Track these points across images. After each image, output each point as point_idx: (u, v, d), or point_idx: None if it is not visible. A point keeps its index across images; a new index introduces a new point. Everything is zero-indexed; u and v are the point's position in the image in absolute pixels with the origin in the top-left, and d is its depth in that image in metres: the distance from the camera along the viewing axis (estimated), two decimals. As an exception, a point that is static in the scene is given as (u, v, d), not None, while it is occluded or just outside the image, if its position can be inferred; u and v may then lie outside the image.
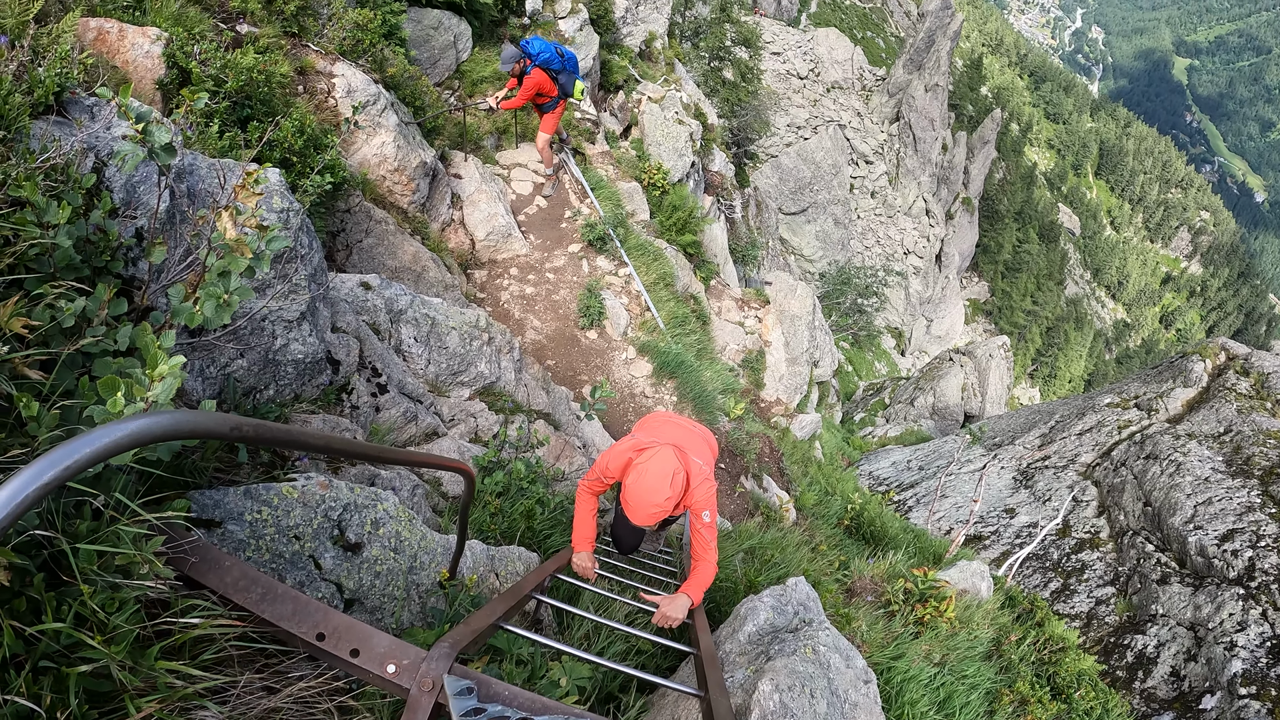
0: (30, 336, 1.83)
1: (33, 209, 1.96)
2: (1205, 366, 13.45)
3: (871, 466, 20.31)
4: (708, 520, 3.96)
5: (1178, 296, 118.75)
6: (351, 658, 1.90)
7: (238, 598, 1.92)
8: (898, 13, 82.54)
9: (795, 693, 2.45)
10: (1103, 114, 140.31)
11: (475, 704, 1.79)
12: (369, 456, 1.67)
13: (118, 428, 0.97)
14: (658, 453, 3.78)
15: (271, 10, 6.78)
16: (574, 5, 16.05)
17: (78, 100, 2.82)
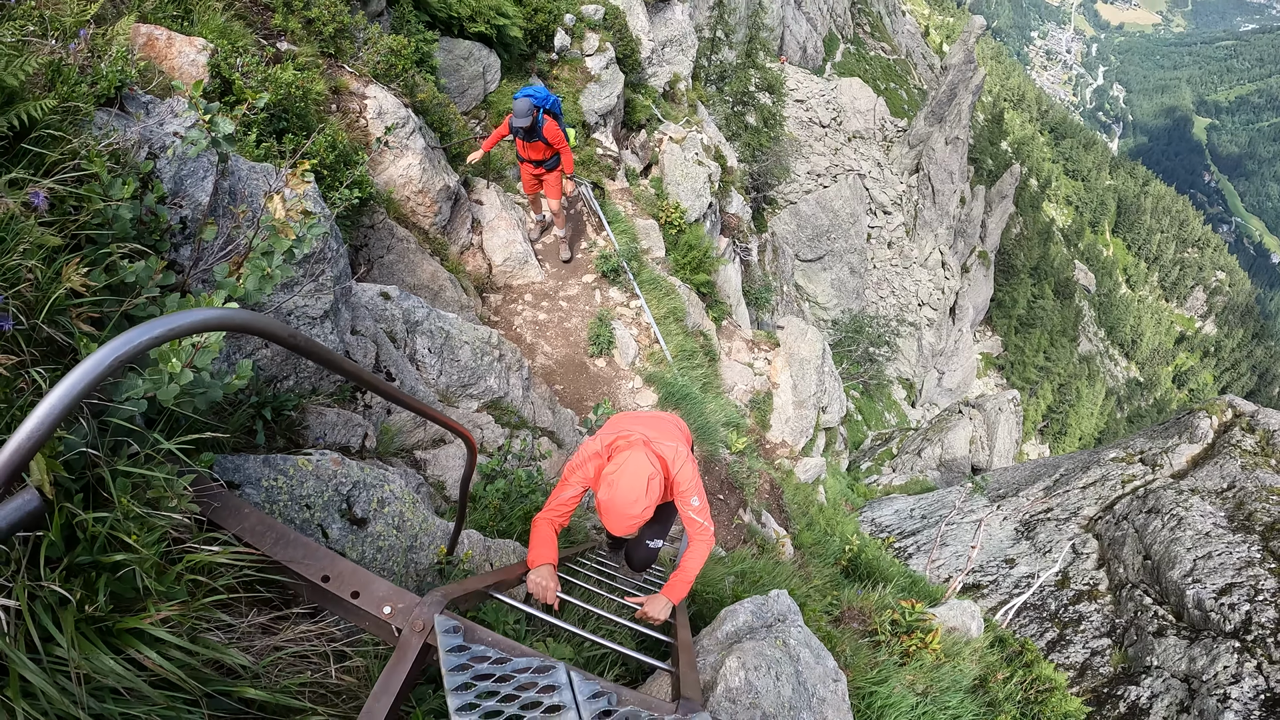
0: (86, 295, 2.05)
1: (98, 183, 2.20)
2: (1211, 423, 13.54)
3: (874, 513, 20.33)
4: (696, 505, 3.81)
5: (1191, 356, 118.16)
6: (352, 599, 2.10)
7: (253, 541, 2.12)
8: (921, 65, 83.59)
9: (761, 672, 2.61)
10: (1121, 171, 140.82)
11: (460, 642, 1.98)
12: (389, 395, 1.88)
13: (204, 312, 1.19)
14: (627, 459, 3.49)
15: (311, 31, 7.13)
16: (601, 44, 16.49)
17: (134, 96, 3.09)
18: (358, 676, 2.25)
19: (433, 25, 11.82)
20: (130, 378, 1.97)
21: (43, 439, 0.94)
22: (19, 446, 0.91)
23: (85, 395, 0.98)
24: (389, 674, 1.98)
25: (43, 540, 1.51)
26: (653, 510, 3.45)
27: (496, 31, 13.23)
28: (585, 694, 1.96)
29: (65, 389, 0.97)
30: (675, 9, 21.11)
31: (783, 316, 24.22)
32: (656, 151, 18.68)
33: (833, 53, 67.37)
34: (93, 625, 1.53)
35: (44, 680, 1.34)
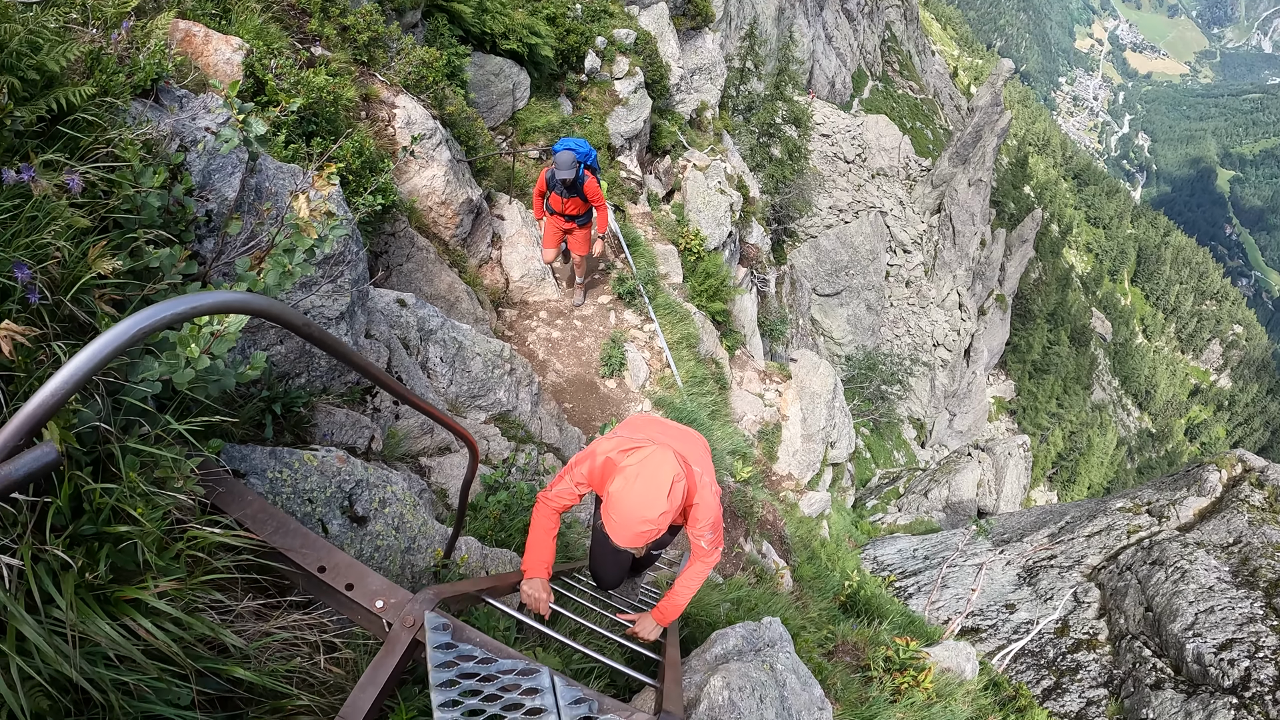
0: (110, 277, 2.11)
1: (130, 171, 2.27)
2: (1221, 477, 13.45)
3: (877, 551, 20.22)
4: (710, 538, 3.43)
5: (1205, 410, 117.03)
6: (346, 590, 2.14)
7: (254, 527, 2.17)
8: (948, 106, 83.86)
9: (745, 693, 2.63)
10: (1143, 221, 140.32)
11: (448, 640, 2.02)
12: (398, 393, 1.93)
13: (227, 294, 1.25)
14: (652, 454, 3.04)
15: (345, 38, 7.27)
16: (631, 68, 16.65)
17: (170, 90, 3.17)
18: (345, 669, 2.28)
19: (465, 40, 11.99)
20: (146, 360, 2.03)
21: (65, 396, 0.98)
22: (43, 402, 0.96)
23: (109, 361, 1.03)
24: (376, 666, 2.01)
25: (50, 506, 1.56)
26: (666, 526, 2.98)
27: (528, 50, 13.40)
28: (567, 699, 1.99)
29: (91, 353, 1.02)
30: (706, 37, 21.32)
31: (796, 349, 24.24)
32: (680, 178, 18.81)
33: (861, 89, 67.72)
34: (91, 592, 1.58)
35: (41, 637, 1.38)
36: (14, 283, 1.69)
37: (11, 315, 1.71)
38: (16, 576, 1.43)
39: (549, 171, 9.16)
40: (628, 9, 17.81)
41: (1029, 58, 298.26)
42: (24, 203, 1.83)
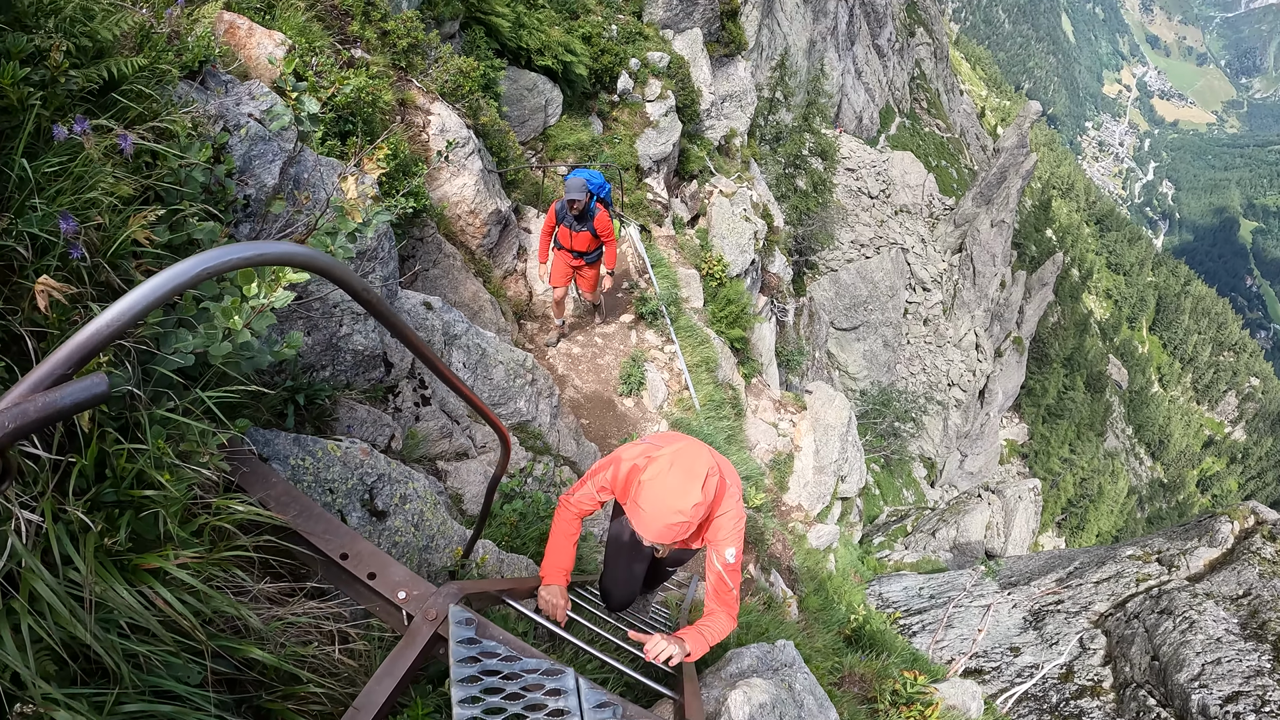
0: (147, 246, 2.09)
1: (177, 143, 2.25)
2: (1232, 528, 13.27)
3: (883, 588, 19.99)
4: (731, 560, 3.16)
5: (1218, 462, 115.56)
6: (369, 579, 2.09)
7: (277, 510, 2.12)
8: (974, 145, 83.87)
9: (766, 710, 2.56)
10: (1164, 269, 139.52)
11: (472, 635, 1.96)
12: (439, 370, 1.89)
13: (293, 247, 1.21)
14: (688, 445, 2.99)
15: (385, 42, 7.31)
16: (663, 91, 16.73)
17: (216, 74, 3.17)
18: (359, 661, 2.22)
19: (501, 54, 12.07)
20: (180, 331, 1.99)
21: (120, 331, 0.94)
22: (97, 331, 0.92)
23: (169, 298, 0.99)
24: (395, 658, 1.95)
25: (74, 466, 1.52)
26: (697, 521, 2.81)
27: (563, 67, 13.48)
28: (591, 703, 1.93)
29: (151, 287, 0.97)
30: (738, 65, 21.42)
31: (812, 381, 24.17)
32: (706, 203, 18.84)
33: (888, 125, 67.89)
34: (110, 558, 1.53)
35: (55, 596, 1.33)
36: (55, 239, 1.66)
37: (50, 272, 1.68)
38: (34, 533, 1.38)
39: (558, 204, 8.82)
40: (662, 32, 17.91)
41: (1057, 101, 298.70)
42: (70, 162, 1.81)
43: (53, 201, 1.69)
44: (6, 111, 1.66)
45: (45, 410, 0.84)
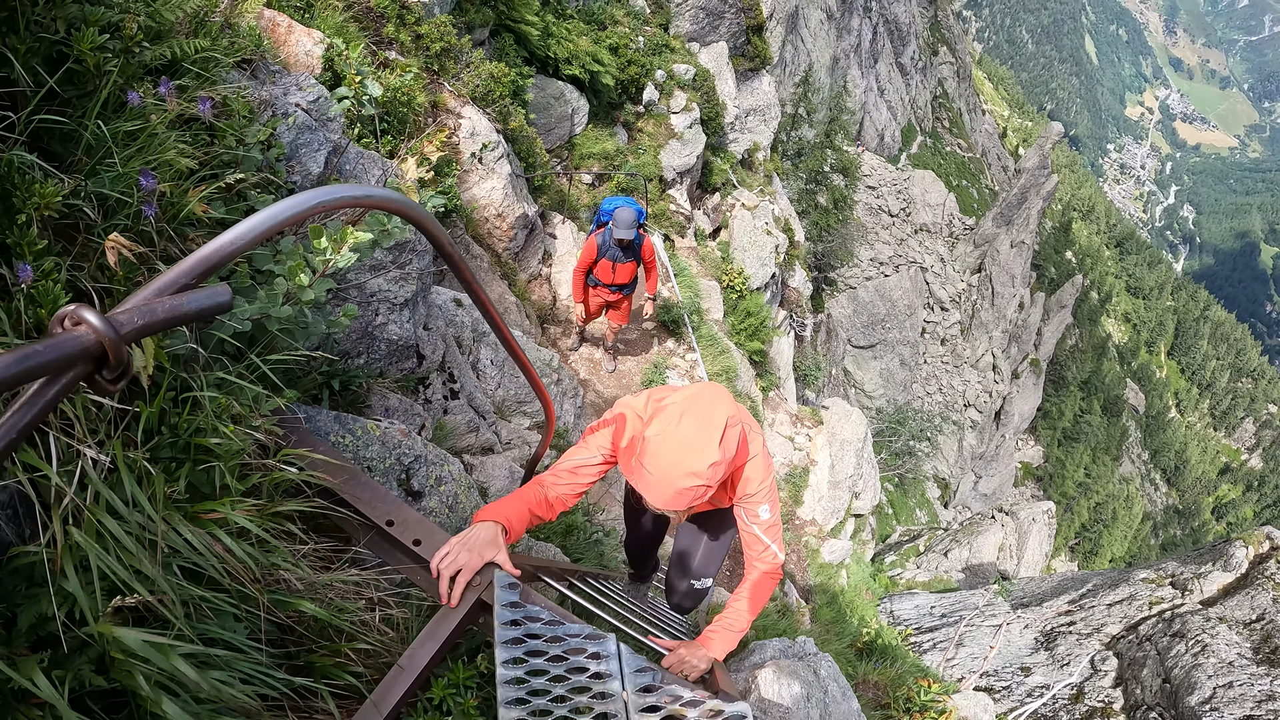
0: (204, 218, 2.15)
1: (236, 122, 2.33)
2: (1247, 553, 13.16)
3: (894, 606, 19.88)
4: (766, 518, 2.75)
5: (1234, 489, 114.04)
6: (414, 545, 2.14)
7: (325, 474, 2.18)
8: (995, 166, 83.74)
9: (794, 690, 2.58)
10: (1183, 294, 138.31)
11: (516, 599, 2.00)
12: (495, 323, 1.94)
13: (395, 195, 1.27)
14: (702, 389, 2.46)
15: (419, 45, 7.43)
16: (688, 103, 16.83)
17: (265, 64, 3.25)
18: (397, 631, 2.26)
19: (530, 61, 12.20)
20: (237, 300, 2.05)
21: (245, 248, 1.00)
22: (220, 247, 0.98)
23: (287, 224, 1.05)
24: (438, 622, 2.00)
25: (141, 414, 1.58)
26: (715, 482, 2.31)
27: (590, 77, 13.60)
28: (632, 667, 1.96)
29: (274, 211, 1.04)
30: (763, 79, 21.52)
31: (828, 398, 24.15)
32: (728, 216, 18.91)
33: (909, 144, 67.90)
34: (171, 506, 1.58)
35: (124, 529, 1.38)
36: (126, 199, 1.72)
37: (118, 232, 1.74)
38: (100, 475, 1.43)
39: (599, 238, 8.05)
40: (688, 45, 18.04)
41: (1079, 123, 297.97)
42: (139, 130, 1.87)
43: (126, 164, 1.75)
44: (83, 76, 1.73)
45: (171, 312, 0.89)
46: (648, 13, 16.62)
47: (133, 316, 0.85)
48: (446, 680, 2.03)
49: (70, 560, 1.31)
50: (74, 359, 0.77)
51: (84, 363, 0.79)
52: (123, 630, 1.33)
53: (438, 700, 2.00)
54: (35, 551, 1.31)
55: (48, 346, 0.75)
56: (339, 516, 2.20)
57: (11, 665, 1.27)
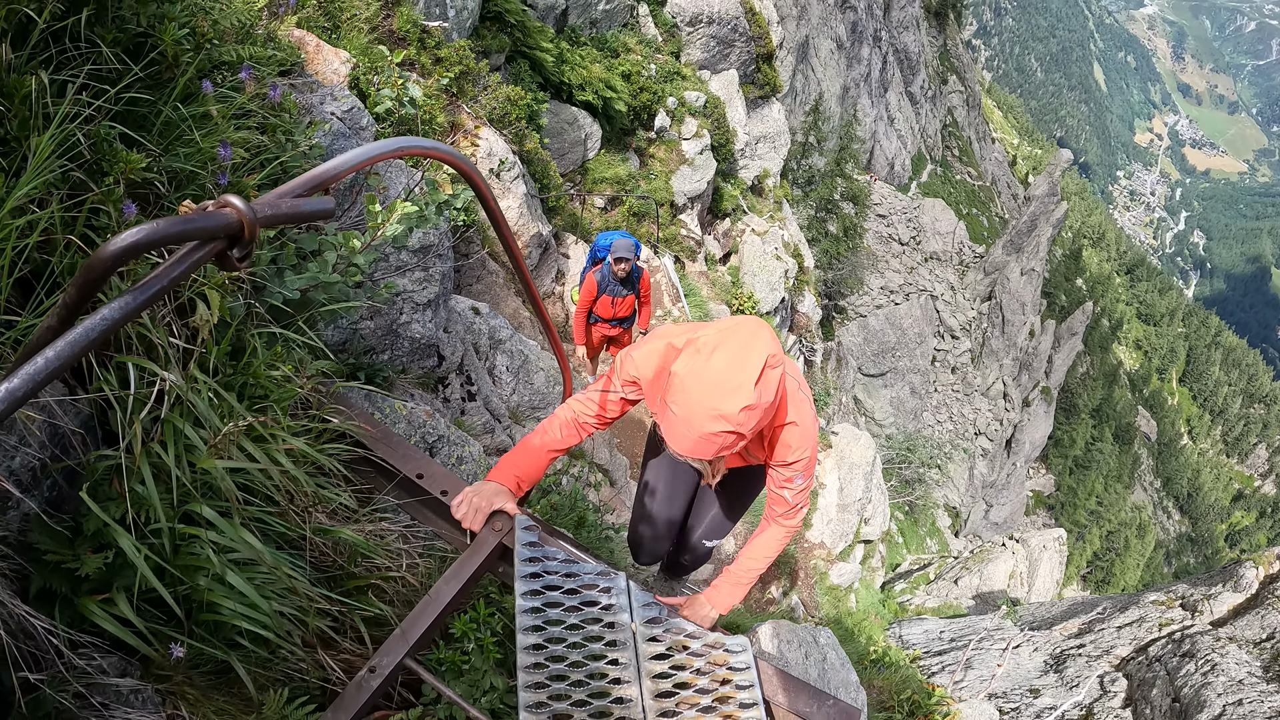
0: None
1: (285, 119, 2.58)
2: (1257, 574, 13.21)
3: (903, 631, 19.87)
4: (801, 485, 2.52)
5: (1247, 516, 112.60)
6: (441, 496, 2.36)
7: (359, 433, 2.40)
8: (1005, 194, 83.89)
9: (793, 646, 2.76)
10: (1194, 320, 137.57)
11: (535, 539, 2.22)
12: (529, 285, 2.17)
13: (440, 144, 1.51)
14: (742, 323, 2.16)
15: (438, 68, 7.74)
16: (699, 130, 17.15)
17: (305, 75, 3.52)
18: (419, 580, 2.46)
19: (544, 87, 12.53)
20: (287, 273, 2.29)
21: (342, 174, 1.25)
22: (327, 170, 1.24)
23: (373, 162, 1.30)
24: (463, 562, 2.21)
25: (210, 352, 1.81)
26: (747, 430, 2.04)
27: (603, 103, 13.92)
28: (640, 602, 2.17)
29: (362, 151, 1.30)
30: (773, 107, 21.86)
31: (838, 424, 24.25)
32: (738, 241, 19.16)
33: (919, 172, 68.23)
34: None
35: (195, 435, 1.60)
36: (198, 172, 1.96)
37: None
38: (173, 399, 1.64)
39: (597, 274, 7.92)
40: (699, 73, 18.40)
41: (1088, 150, 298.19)
42: (205, 117, 2.12)
43: (204, 140, 1.99)
44: (161, 66, 1.98)
45: (292, 209, 1.13)
46: (660, 41, 16.98)
47: (264, 208, 1.08)
48: (469, 616, 2.24)
49: (146, 464, 1.53)
50: (219, 230, 1.00)
51: (225, 237, 1.02)
52: (215, 462, 1.56)
53: (459, 634, 2.21)
54: (114, 455, 1.52)
55: (203, 216, 0.98)
56: (368, 472, 2.43)
57: (77, 561, 1.49)
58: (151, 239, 0.91)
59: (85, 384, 1.57)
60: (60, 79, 1.63)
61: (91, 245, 1.55)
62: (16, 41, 1.54)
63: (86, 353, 0.84)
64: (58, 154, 1.49)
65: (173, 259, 1.00)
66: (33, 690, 1.37)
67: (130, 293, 0.92)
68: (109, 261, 0.89)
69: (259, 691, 1.81)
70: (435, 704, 2.21)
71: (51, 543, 1.47)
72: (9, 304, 1.43)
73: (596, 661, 2.00)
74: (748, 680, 2.03)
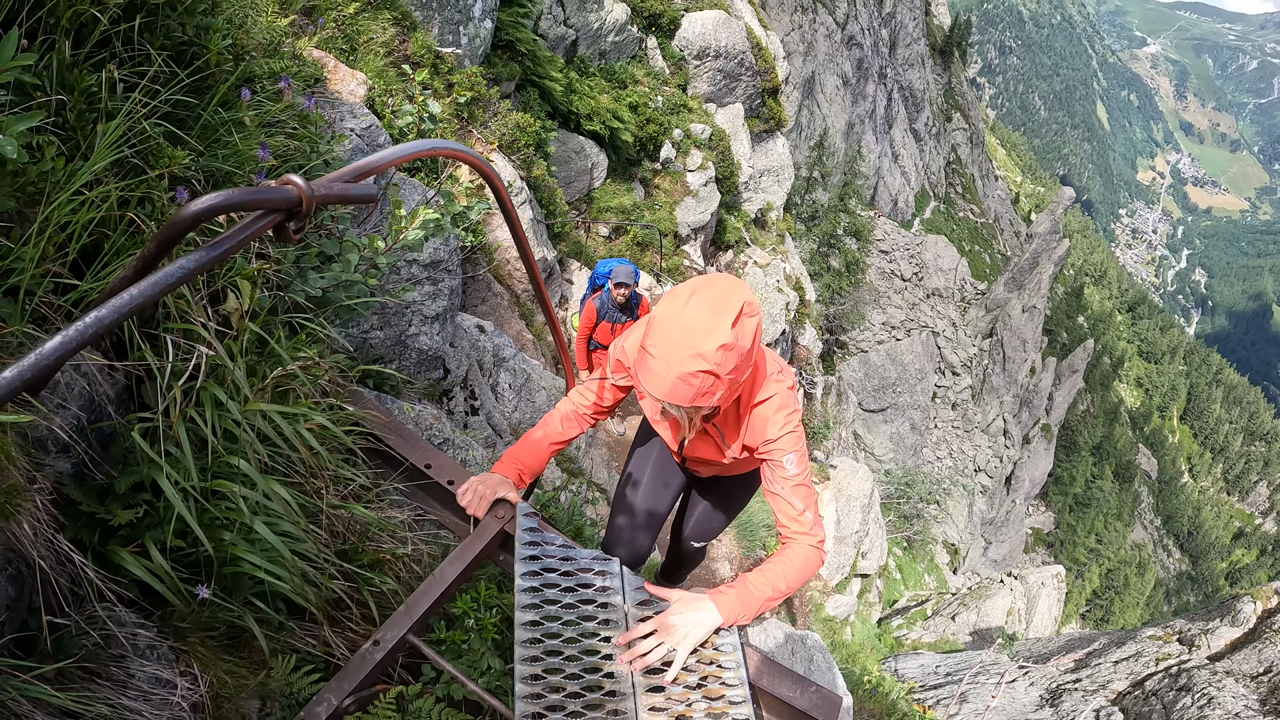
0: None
1: (311, 131, 2.75)
2: (1255, 608, 13.24)
3: (899, 665, 19.85)
4: (794, 472, 2.35)
5: (1248, 554, 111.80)
6: (448, 485, 2.49)
7: (372, 425, 2.54)
8: (1008, 231, 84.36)
9: (779, 643, 2.87)
10: (1196, 358, 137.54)
11: (534, 525, 2.35)
12: (540, 289, 2.32)
13: (456, 145, 1.70)
14: (718, 279, 2.11)
15: (451, 93, 7.97)
16: (704, 162, 17.40)
17: (325, 93, 3.69)
18: (423, 567, 2.59)
19: (553, 116, 12.79)
20: (310, 273, 2.44)
21: (385, 166, 1.42)
22: (370, 161, 1.40)
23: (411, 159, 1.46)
24: (466, 546, 2.34)
25: (241, 333, 1.95)
26: (725, 377, 2.02)
27: (610, 133, 14.19)
28: (632, 585, 2.29)
29: (400, 149, 1.46)
30: (778, 141, 22.16)
31: (837, 458, 24.30)
32: (740, 272, 19.34)
33: (923, 209, 68.71)
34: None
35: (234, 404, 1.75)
36: (236, 171, 2.12)
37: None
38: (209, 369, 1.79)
39: (596, 301, 7.97)
40: (705, 106, 18.70)
41: (1091, 188, 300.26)
42: (239, 123, 2.28)
43: (244, 142, 2.16)
44: (204, 74, 2.14)
45: (343, 192, 1.29)
46: (667, 73, 17.30)
47: (320, 188, 1.24)
48: (470, 596, 2.37)
49: (183, 426, 1.67)
50: (282, 203, 1.16)
51: (285, 210, 1.18)
52: (264, 405, 1.71)
53: (460, 612, 2.34)
54: (152, 418, 1.67)
55: (270, 190, 1.15)
56: (378, 463, 2.57)
57: (109, 514, 1.62)
58: (226, 204, 1.08)
59: (124, 356, 1.71)
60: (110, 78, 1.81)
61: (138, 229, 1.70)
62: (75, 42, 1.70)
63: (166, 294, 0.98)
64: (116, 144, 1.66)
65: (240, 224, 1.15)
66: (56, 633, 1.50)
67: (205, 249, 1.08)
68: (190, 219, 1.05)
69: (269, 657, 1.94)
70: (434, 683, 2.33)
71: (85, 497, 1.60)
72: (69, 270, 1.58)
73: (590, 639, 2.12)
74: (733, 662, 2.14)
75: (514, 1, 11.19)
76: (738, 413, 2.43)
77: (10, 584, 1.40)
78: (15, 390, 0.81)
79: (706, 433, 2.55)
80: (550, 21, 13.24)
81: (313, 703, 1.96)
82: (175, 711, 1.65)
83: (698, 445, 2.66)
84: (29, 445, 1.47)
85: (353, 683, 2.01)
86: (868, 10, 55.84)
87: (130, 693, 1.57)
